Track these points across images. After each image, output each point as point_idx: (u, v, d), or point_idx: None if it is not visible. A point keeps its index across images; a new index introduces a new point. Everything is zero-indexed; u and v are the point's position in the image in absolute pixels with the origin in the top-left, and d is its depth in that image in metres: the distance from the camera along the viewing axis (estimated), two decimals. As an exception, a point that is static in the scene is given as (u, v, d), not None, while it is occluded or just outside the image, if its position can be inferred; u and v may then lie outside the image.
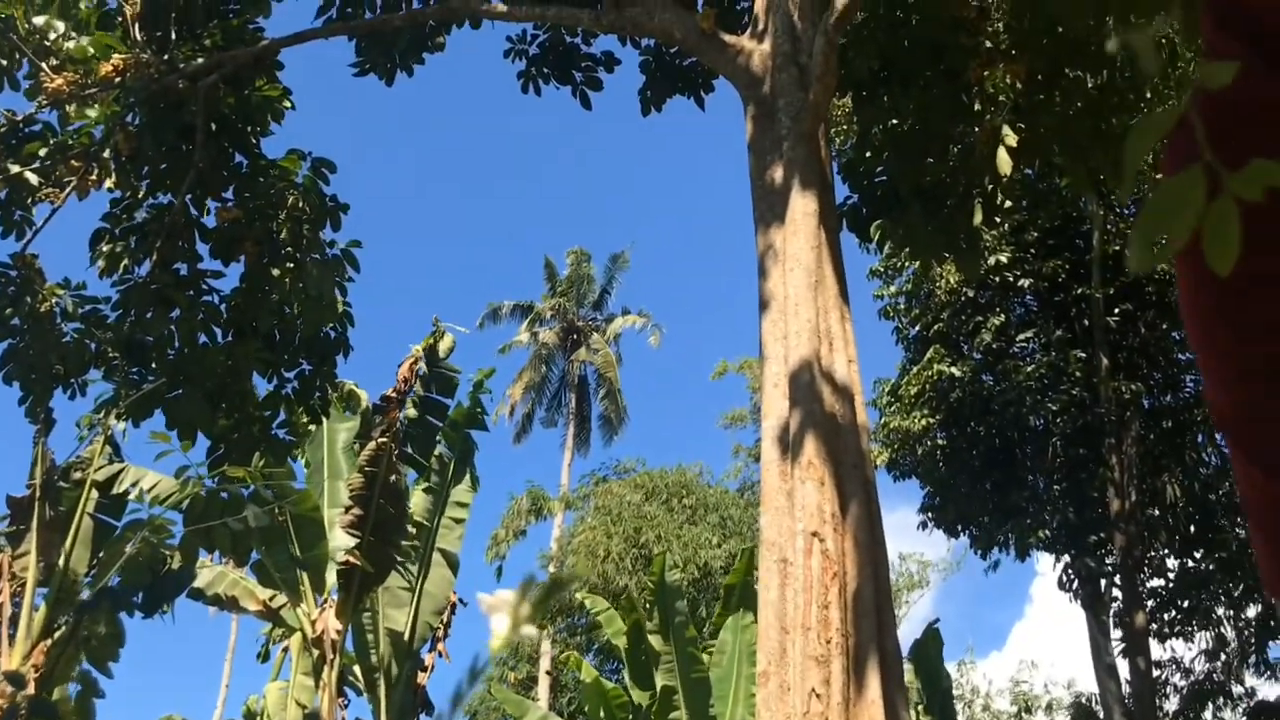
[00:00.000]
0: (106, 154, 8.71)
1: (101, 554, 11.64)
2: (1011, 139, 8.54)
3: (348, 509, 12.91)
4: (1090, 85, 8.77)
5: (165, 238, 8.67)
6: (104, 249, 8.75)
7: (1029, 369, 18.34)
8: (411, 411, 13.92)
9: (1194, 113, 0.55)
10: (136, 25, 8.90)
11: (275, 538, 12.88)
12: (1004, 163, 8.49)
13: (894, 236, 9.30)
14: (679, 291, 73.84)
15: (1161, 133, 0.54)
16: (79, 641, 11.08)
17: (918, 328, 19.62)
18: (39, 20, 8.62)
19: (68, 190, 8.68)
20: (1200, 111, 0.54)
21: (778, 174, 7.33)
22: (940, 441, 18.56)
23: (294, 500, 12.73)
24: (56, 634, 11.04)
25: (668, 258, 75.68)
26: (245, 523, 10.29)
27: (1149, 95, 8.73)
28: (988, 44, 8.72)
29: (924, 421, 18.42)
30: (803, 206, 6.97)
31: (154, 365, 8.78)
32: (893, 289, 19.99)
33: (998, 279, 18.73)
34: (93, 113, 8.68)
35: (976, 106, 8.95)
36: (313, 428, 11.40)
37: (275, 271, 8.94)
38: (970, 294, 18.92)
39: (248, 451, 9.28)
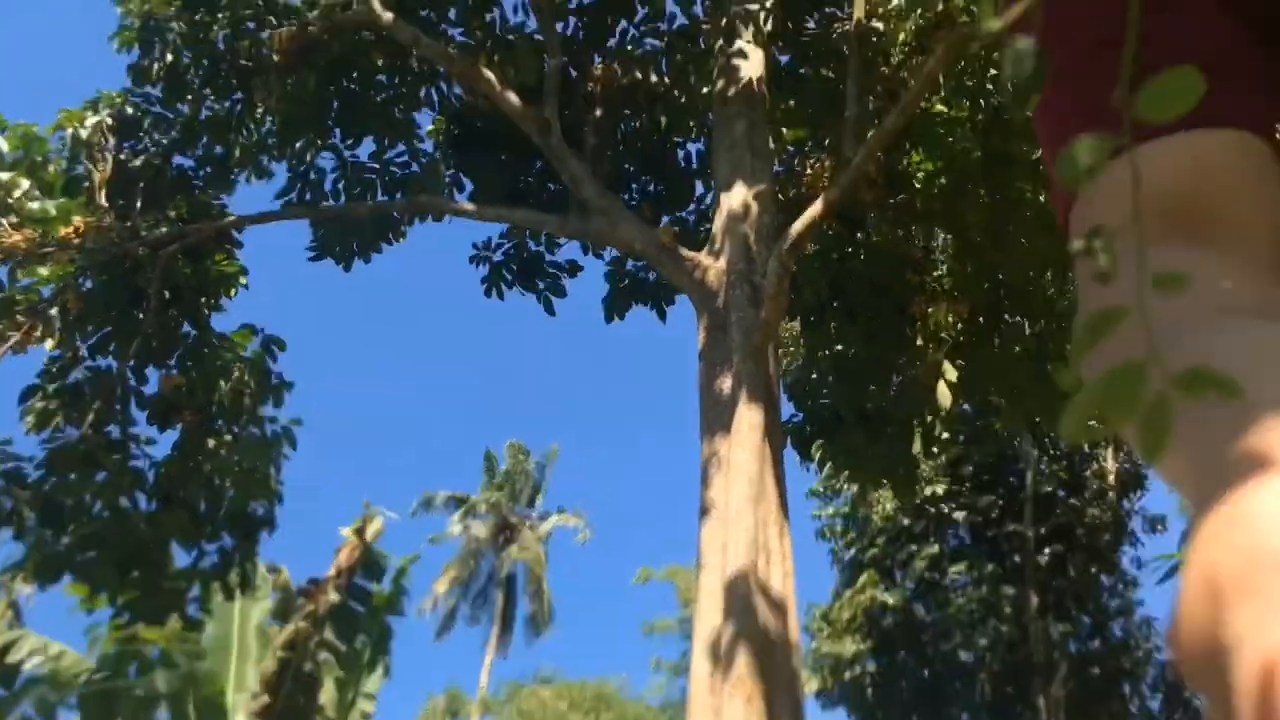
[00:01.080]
0: (53, 311, 8.62)
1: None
2: (952, 374, 8.77)
3: (255, 695, 12.31)
4: (1029, 331, 9.09)
5: (103, 400, 8.52)
6: (36, 405, 8.56)
7: (960, 601, 18.28)
8: (334, 596, 13.49)
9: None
10: (103, 192, 8.99)
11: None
12: (944, 396, 8.68)
13: (834, 457, 9.39)
14: (608, 492, 73.71)
15: (1104, 334, 0.54)
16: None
17: (853, 551, 19.60)
18: (3, 176, 8.66)
19: (7, 345, 8.54)
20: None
21: (726, 385, 7.42)
22: (870, 669, 18.26)
23: (201, 678, 12.13)
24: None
25: (601, 457, 75.75)
26: (152, 687, 9.76)
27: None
28: (932, 283, 9.06)
29: (855, 647, 18.16)
30: (749, 419, 7.03)
31: (70, 528, 8.47)
32: (830, 510, 20.07)
33: (933, 509, 18.87)
34: (45, 270, 8.64)
35: (920, 340, 9.22)
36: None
37: (211, 442, 8.78)
38: (906, 522, 19.02)
39: (158, 615, 8.89)
